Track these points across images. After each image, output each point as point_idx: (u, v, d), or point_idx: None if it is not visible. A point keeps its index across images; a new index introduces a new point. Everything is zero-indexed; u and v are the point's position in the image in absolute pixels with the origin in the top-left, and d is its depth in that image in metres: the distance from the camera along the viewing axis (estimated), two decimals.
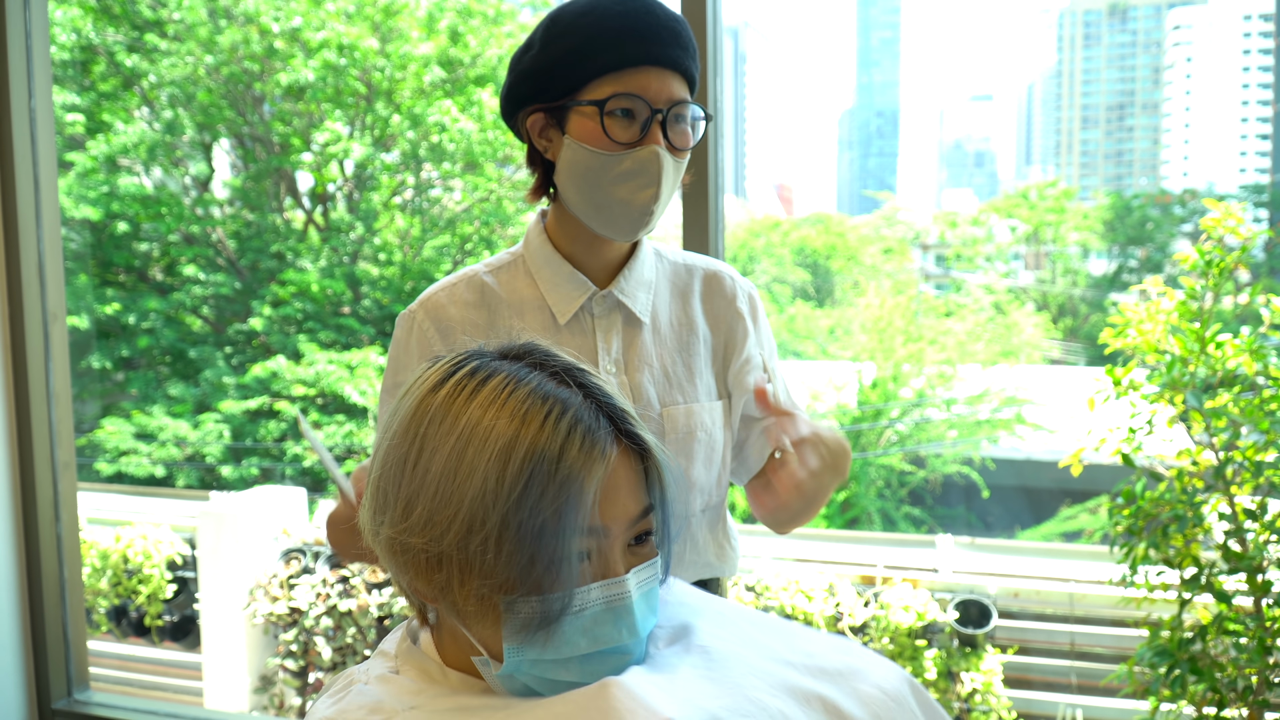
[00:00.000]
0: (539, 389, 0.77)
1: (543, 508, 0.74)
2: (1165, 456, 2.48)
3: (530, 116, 1.30)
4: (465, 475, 0.75)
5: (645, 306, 1.36)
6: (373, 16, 12.23)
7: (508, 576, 0.75)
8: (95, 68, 12.29)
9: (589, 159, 1.26)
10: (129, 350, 12.52)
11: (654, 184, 1.26)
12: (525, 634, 0.76)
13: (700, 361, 1.39)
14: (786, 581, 3.51)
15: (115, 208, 12.12)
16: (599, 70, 1.24)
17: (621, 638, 0.78)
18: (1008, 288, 28.28)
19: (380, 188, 13.13)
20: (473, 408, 0.77)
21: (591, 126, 1.25)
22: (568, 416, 0.76)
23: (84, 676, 2.83)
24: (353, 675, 0.88)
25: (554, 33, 1.27)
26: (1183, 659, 2.28)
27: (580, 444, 0.75)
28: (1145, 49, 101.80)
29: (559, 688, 0.78)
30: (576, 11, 1.27)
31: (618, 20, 1.24)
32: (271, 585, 3.85)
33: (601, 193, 1.27)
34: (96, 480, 11.62)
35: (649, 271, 1.39)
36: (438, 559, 0.76)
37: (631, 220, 1.28)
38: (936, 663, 3.34)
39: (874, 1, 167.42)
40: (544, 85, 1.28)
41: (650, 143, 1.24)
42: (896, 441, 15.61)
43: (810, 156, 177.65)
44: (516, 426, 0.75)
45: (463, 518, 0.74)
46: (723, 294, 1.43)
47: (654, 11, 1.26)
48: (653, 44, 1.25)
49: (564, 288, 1.34)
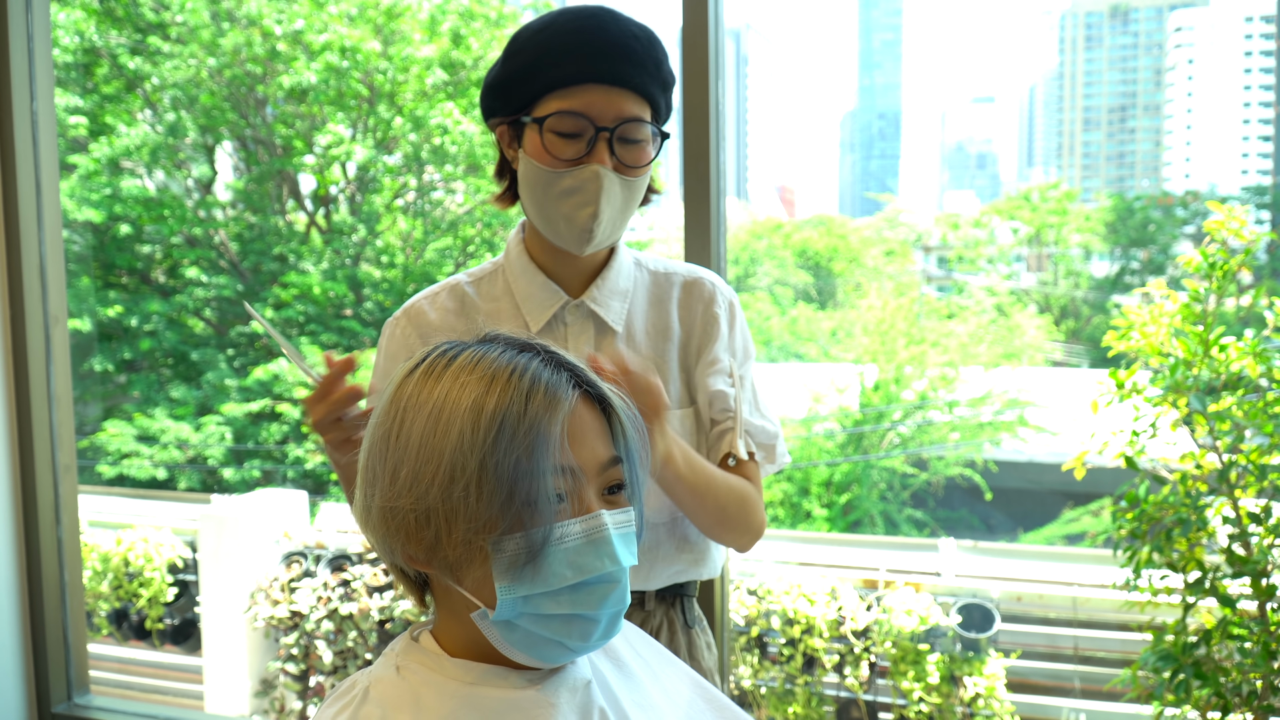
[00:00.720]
0: (502, 357, 0.85)
1: (515, 448, 0.80)
2: (1169, 459, 2.47)
3: (499, 127, 1.34)
4: (443, 434, 0.82)
5: (619, 315, 1.38)
6: (375, 19, 12.24)
7: (490, 516, 0.80)
8: (98, 70, 12.30)
9: (535, 174, 1.28)
10: (131, 352, 12.53)
11: (592, 203, 1.27)
12: (514, 570, 0.81)
13: (673, 368, 1.40)
14: (789, 585, 3.50)
15: (118, 210, 12.13)
16: (546, 87, 1.26)
17: (604, 566, 0.83)
18: (1010, 290, 28.28)
19: (382, 190, 13.14)
20: (444, 380, 0.84)
21: (539, 141, 1.27)
22: (529, 374, 0.84)
23: (84, 680, 2.82)
24: (356, 678, 0.90)
25: (513, 48, 1.30)
26: (1187, 663, 2.27)
27: (543, 393, 0.83)
28: (1147, 51, 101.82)
29: (553, 624, 0.83)
30: (535, 28, 1.29)
31: (569, 37, 1.25)
32: (272, 589, 3.84)
33: (546, 207, 1.29)
34: (98, 482, 11.62)
35: (624, 281, 1.40)
36: (425, 515, 0.82)
37: (575, 236, 1.30)
38: (939, 667, 3.33)
39: (876, 4, 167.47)
40: (504, 99, 1.31)
41: (592, 161, 1.25)
42: (899, 444, 15.59)
43: (812, 158, 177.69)
44: (485, 386, 0.83)
45: (444, 470, 0.81)
46: (701, 296, 1.43)
47: (606, 28, 1.26)
48: (600, 61, 1.25)
49: (537, 297, 1.36)
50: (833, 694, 3.50)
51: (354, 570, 3.78)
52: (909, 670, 3.33)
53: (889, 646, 3.36)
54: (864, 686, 3.41)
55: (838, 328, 24.04)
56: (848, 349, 20.53)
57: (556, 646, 0.85)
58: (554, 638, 0.84)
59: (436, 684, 0.86)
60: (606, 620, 0.86)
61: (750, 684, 3.52)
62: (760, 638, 3.51)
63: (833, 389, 15.88)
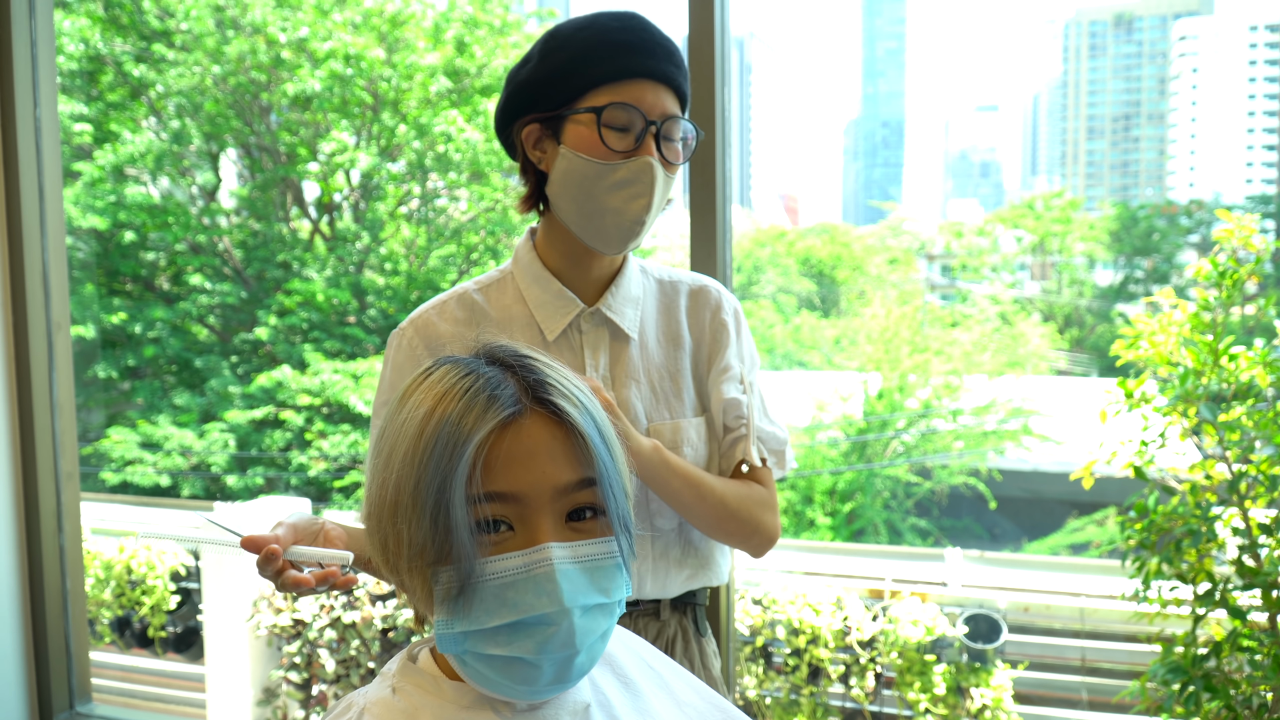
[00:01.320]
0: (469, 369, 0.81)
1: (440, 470, 0.76)
2: (1178, 470, 2.46)
3: (526, 128, 1.33)
4: (395, 454, 0.79)
5: (633, 322, 1.38)
6: (379, 27, 12.26)
7: (424, 544, 0.77)
8: (103, 78, 12.33)
9: (584, 167, 1.28)
10: (135, 359, 12.53)
11: (647, 194, 1.28)
12: (448, 604, 0.78)
13: (686, 377, 1.40)
14: (794, 595, 3.49)
15: (122, 217, 12.15)
16: (597, 80, 1.27)
17: (542, 606, 0.77)
18: (1014, 298, 28.24)
19: (386, 197, 13.14)
20: (415, 396, 0.81)
21: (588, 134, 1.27)
22: (476, 386, 0.79)
23: (86, 688, 2.81)
24: (352, 699, 0.89)
25: (552, 45, 1.30)
26: (1196, 676, 2.25)
27: (480, 408, 0.78)
28: (1151, 59, 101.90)
29: (496, 665, 0.78)
30: (575, 26, 1.30)
31: (616, 34, 1.27)
32: (275, 597, 3.83)
33: (594, 202, 1.28)
34: (102, 489, 11.62)
35: (636, 288, 1.40)
36: (384, 538, 0.80)
37: (622, 230, 1.30)
38: (945, 678, 3.31)
39: (879, 12, 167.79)
40: (541, 95, 1.30)
41: (645, 152, 1.27)
42: (902, 453, 15.56)
43: (816, 167, 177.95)
44: (434, 402, 0.79)
45: (391, 492, 0.79)
46: (708, 305, 1.44)
47: (649, 28, 1.30)
48: (648, 58, 1.27)
49: (552, 305, 1.36)
50: (838, 705, 3.48)
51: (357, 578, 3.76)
52: (915, 681, 3.31)
53: (895, 657, 3.34)
54: (870, 697, 3.38)
55: (841, 336, 24.02)
56: (851, 357, 20.50)
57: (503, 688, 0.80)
58: (499, 678, 0.79)
59: (433, 707, 0.84)
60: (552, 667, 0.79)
61: (755, 694, 3.50)
62: (765, 648, 3.49)
63: (836, 397, 15.87)
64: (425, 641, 0.92)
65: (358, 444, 11.32)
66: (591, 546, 0.80)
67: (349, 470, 11.52)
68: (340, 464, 11.57)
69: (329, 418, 11.69)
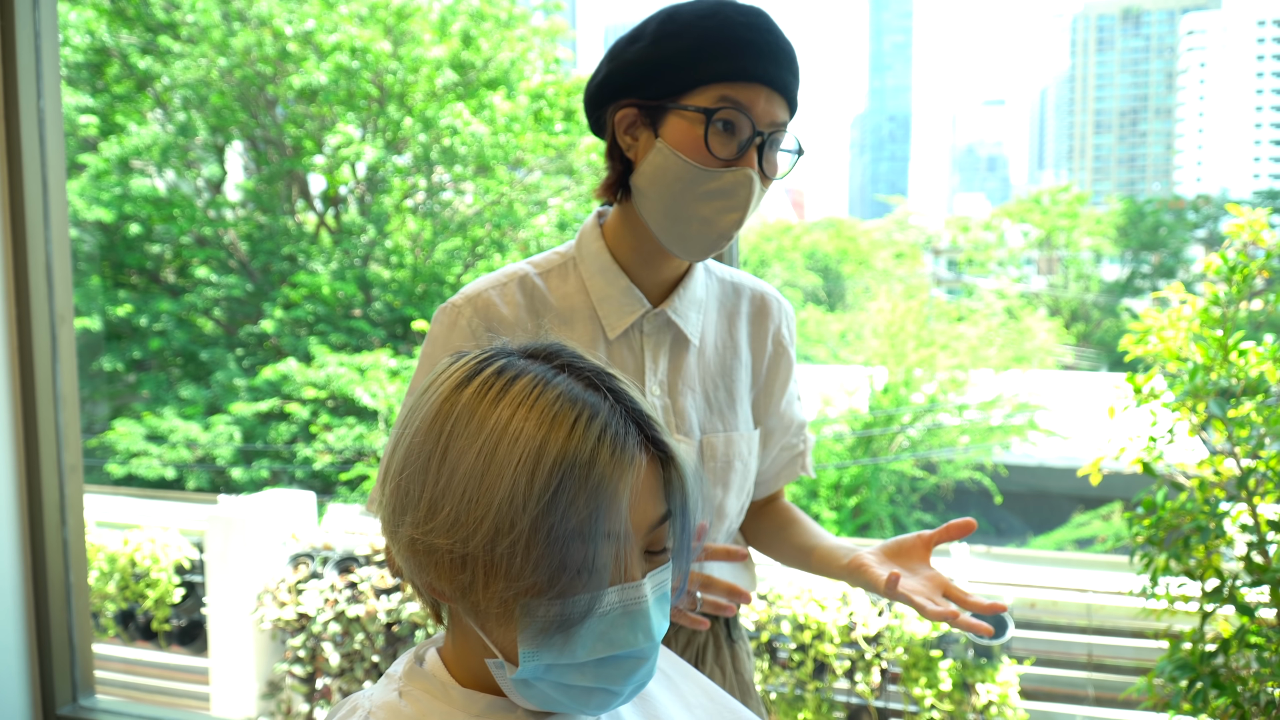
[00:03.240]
0: (568, 392, 0.76)
1: (573, 513, 0.73)
2: (1186, 466, 2.44)
3: (621, 110, 1.22)
4: (494, 478, 0.74)
5: (696, 328, 1.30)
6: (385, 20, 12.24)
7: (535, 580, 0.74)
8: (109, 70, 12.33)
9: (679, 168, 1.18)
10: (140, 352, 12.55)
11: (740, 209, 1.19)
12: (542, 638, 0.75)
13: (741, 387, 1.34)
14: (799, 590, 3.48)
15: (128, 209, 12.16)
16: (712, 76, 1.16)
17: (637, 642, 0.77)
18: (1020, 293, 28.18)
19: (392, 191, 13.14)
20: (500, 409, 0.76)
21: (691, 133, 1.17)
22: (597, 421, 0.75)
23: (89, 682, 2.81)
24: (356, 701, 0.86)
25: (670, 28, 1.18)
26: (1204, 672, 2.24)
27: (610, 450, 0.74)
28: (1159, 54, 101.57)
29: (574, 693, 0.78)
30: (697, 12, 1.18)
31: (741, 30, 1.17)
32: (279, 590, 3.83)
33: (684, 206, 1.19)
34: (107, 482, 11.64)
35: (701, 290, 1.32)
36: (462, 560, 0.75)
37: (708, 241, 1.21)
38: (951, 674, 3.29)
39: (886, 6, 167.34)
40: (647, 79, 1.19)
41: (746, 164, 1.17)
42: (908, 447, 15.54)
43: (822, 161, 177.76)
44: (546, 430, 0.74)
45: (491, 520, 0.73)
46: (770, 318, 1.38)
47: (775, 30, 1.19)
48: (770, 63, 1.17)
49: (617, 301, 1.27)
50: (843, 700, 3.47)
51: (361, 572, 3.76)
52: (921, 677, 3.30)
53: (900, 652, 3.33)
54: (875, 693, 3.37)
55: (847, 330, 23.97)
56: (857, 351, 20.46)
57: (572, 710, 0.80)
58: (571, 703, 0.79)
59: (441, 714, 0.82)
60: (629, 694, 0.80)
61: (760, 689, 3.50)
62: (770, 643, 3.48)
63: (842, 391, 15.85)
64: (431, 642, 0.90)
65: (363, 437, 11.32)
66: (661, 575, 0.80)
67: (354, 463, 11.53)
68: (345, 457, 11.58)
69: (334, 411, 11.70)
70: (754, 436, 1.34)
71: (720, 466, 1.30)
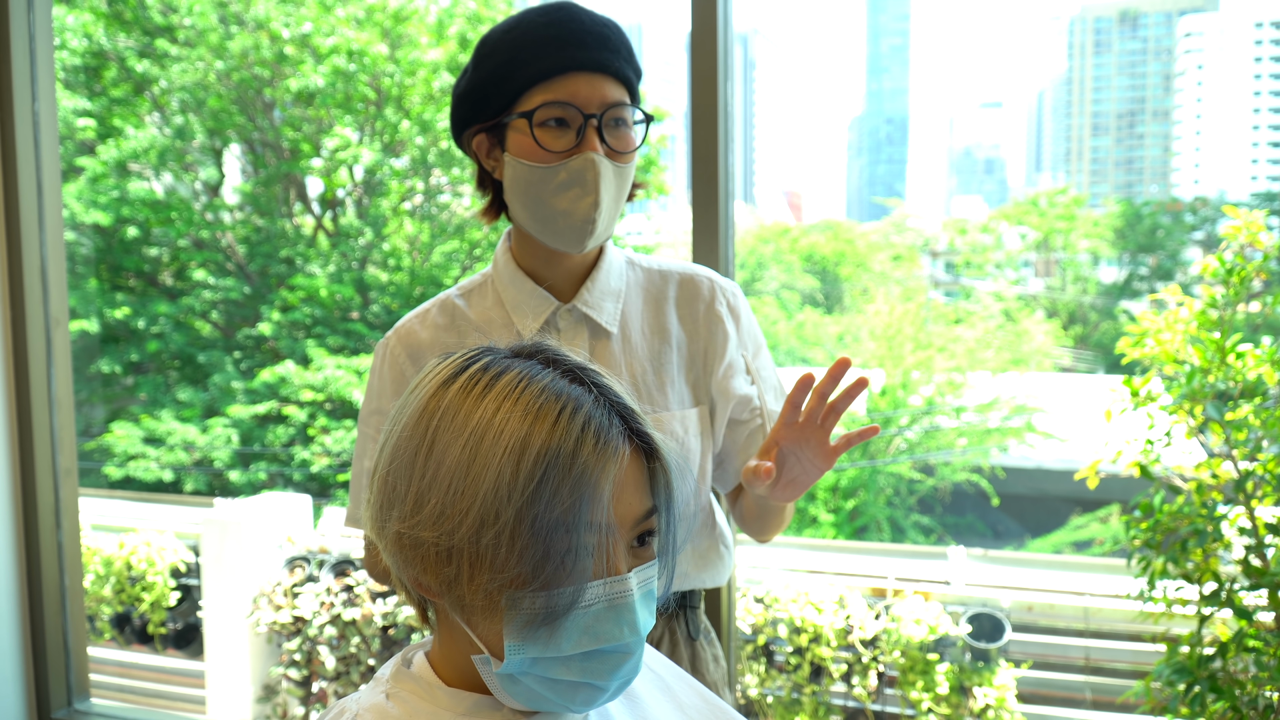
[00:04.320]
0: (551, 386, 0.78)
1: (557, 503, 0.74)
2: (1184, 468, 2.44)
3: (475, 138, 1.31)
4: (480, 470, 0.75)
5: (612, 317, 1.35)
6: (382, 23, 12.24)
7: (519, 571, 0.74)
8: (106, 73, 12.31)
9: (528, 173, 1.25)
10: (138, 354, 12.53)
11: (592, 191, 1.24)
12: (528, 630, 0.76)
13: (672, 369, 1.37)
14: (796, 593, 3.47)
15: (125, 213, 12.14)
16: (528, 82, 1.24)
17: (623, 635, 0.78)
18: (1017, 295, 28.17)
19: (389, 193, 13.13)
20: (485, 404, 0.77)
21: (526, 141, 1.25)
22: (580, 414, 0.76)
23: (84, 685, 2.80)
24: (344, 704, 0.87)
25: (483, 53, 1.28)
26: (1202, 676, 2.23)
27: (594, 441, 0.76)
28: (1156, 56, 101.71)
29: (559, 688, 0.78)
30: (503, 30, 1.27)
31: (542, 30, 1.24)
32: (275, 593, 3.82)
33: (542, 206, 1.26)
34: (105, 484, 11.63)
35: (616, 281, 1.37)
36: (448, 553, 0.76)
37: (575, 230, 1.27)
38: (949, 677, 3.29)
39: (884, 8, 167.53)
40: (480, 105, 1.28)
41: (585, 149, 1.23)
42: (906, 449, 15.54)
43: (819, 163, 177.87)
44: (530, 423, 0.75)
45: (476, 512, 0.74)
46: (699, 298, 1.41)
47: (578, 18, 1.26)
48: (578, 49, 1.24)
49: (527, 304, 1.33)
50: (840, 703, 3.46)
51: (357, 575, 3.75)
52: (918, 680, 3.29)
53: (897, 656, 3.32)
54: (872, 696, 3.37)
55: (845, 332, 23.97)
56: (855, 354, 20.47)
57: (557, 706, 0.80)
58: (557, 699, 0.79)
59: (427, 713, 0.82)
60: (614, 689, 0.80)
61: (757, 693, 3.49)
62: (767, 646, 3.48)
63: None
64: (419, 645, 0.90)
65: None
66: (648, 570, 0.81)
67: (348, 467, 11.51)
68: (343, 459, 11.56)
69: (332, 413, 11.69)
70: (690, 415, 1.37)
71: None
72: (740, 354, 1.41)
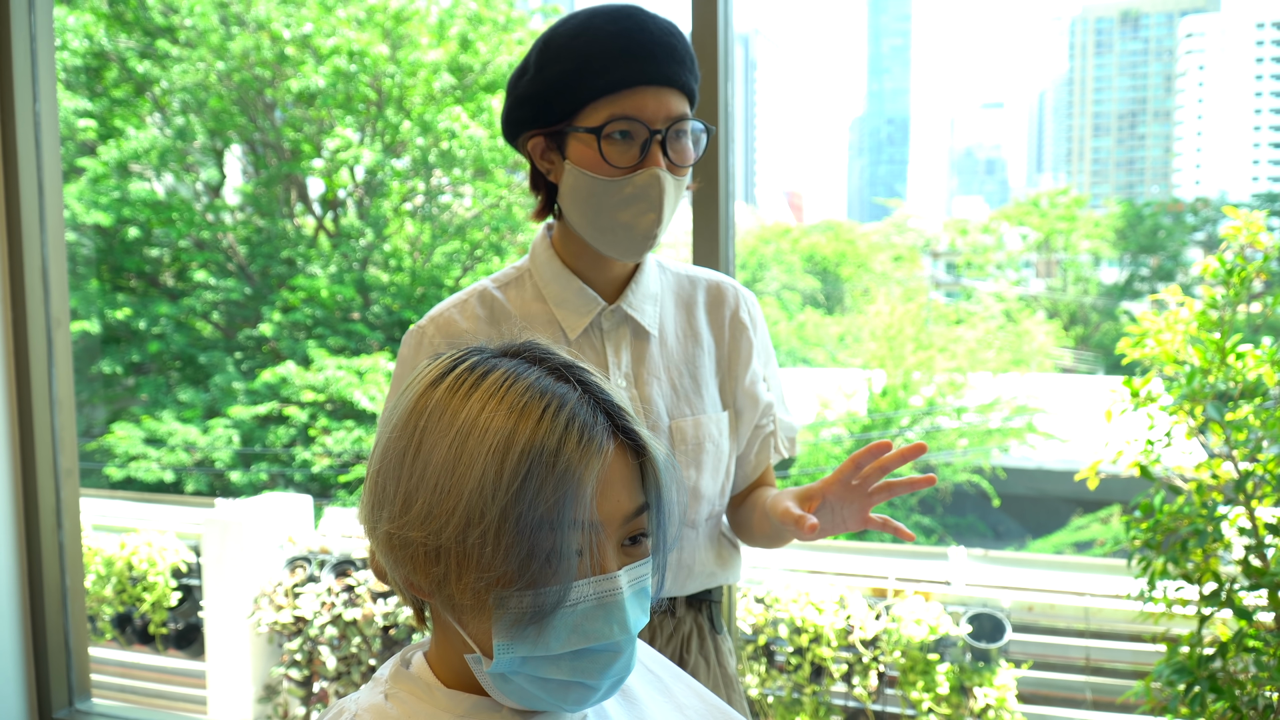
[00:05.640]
0: (537, 384, 0.78)
1: (541, 501, 0.73)
2: (1184, 469, 2.44)
3: (531, 140, 1.30)
4: (465, 469, 0.75)
5: (653, 319, 1.36)
6: (383, 23, 12.24)
7: (505, 570, 0.74)
8: (107, 74, 12.32)
9: (590, 184, 1.25)
10: (139, 355, 12.54)
11: (655, 208, 1.25)
12: (516, 629, 0.76)
13: (706, 373, 1.39)
14: (797, 593, 3.47)
15: (127, 213, 12.15)
16: (594, 94, 1.22)
17: (613, 634, 0.77)
18: (1018, 295, 28.17)
19: (390, 194, 13.13)
20: (471, 402, 0.77)
21: (590, 153, 1.24)
22: (565, 411, 0.76)
23: (85, 686, 2.80)
24: (343, 705, 0.87)
25: (548, 56, 1.25)
26: (1202, 676, 2.23)
27: (578, 439, 0.75)
28: (1157, 57, 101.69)
29: (550, 687, 0.78)
30: (569, 34, 1.25)
31: (611, 41, 1.22)
32: (276, 594, 3.82)
33: (604, 217, 1.26)
34: (106, 485, 11.63)
35: (654, 284, 1.38)
36: (436, 552, 0.76)
37: (635, 243, 1.27)
38: (949, 677, 3.29)
39: (885, 9, 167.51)
40: (541, 110, 1.26)
41: (650, 165, 1.23)
42: None
43: (820, 163, 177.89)
44: (514, 421, 0.75)
45: (462, 510, 0.74)
46: (725, 304, 1.43)
47: (647, 28, 1.24)
48: (647, 63, 1.22)
49: (573, 303, 1.33)
50: (841, 704, 3.46)
51: (358, 575, 3.75)
52: (918, 680, 3.30)
53: (898, 656, 3.32)
54: (872, 696, 3.37)
55: (845, 333, 24.00)
56: (855, 354, 20.49)
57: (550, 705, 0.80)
58: (549, 698, 0.79)
59: (426, 714, 0.82)
60: (606, 688, 0.80)
61: (757, 693, 3.49)
62: (768, 646, 3.48)
63: (840, 394, 15.86)
64: (418, 646, 0.90)
65: (361, 440, 11.32)
66: (640, 569, 0.80)
67: (352, 466, 11.52)
68: (344, 460, 11.57)
69: (333, 414, 11.69)
70: (723, 418, 1.39)
71: (691, 449, 1.35)
72: (760, 364, 1.44)
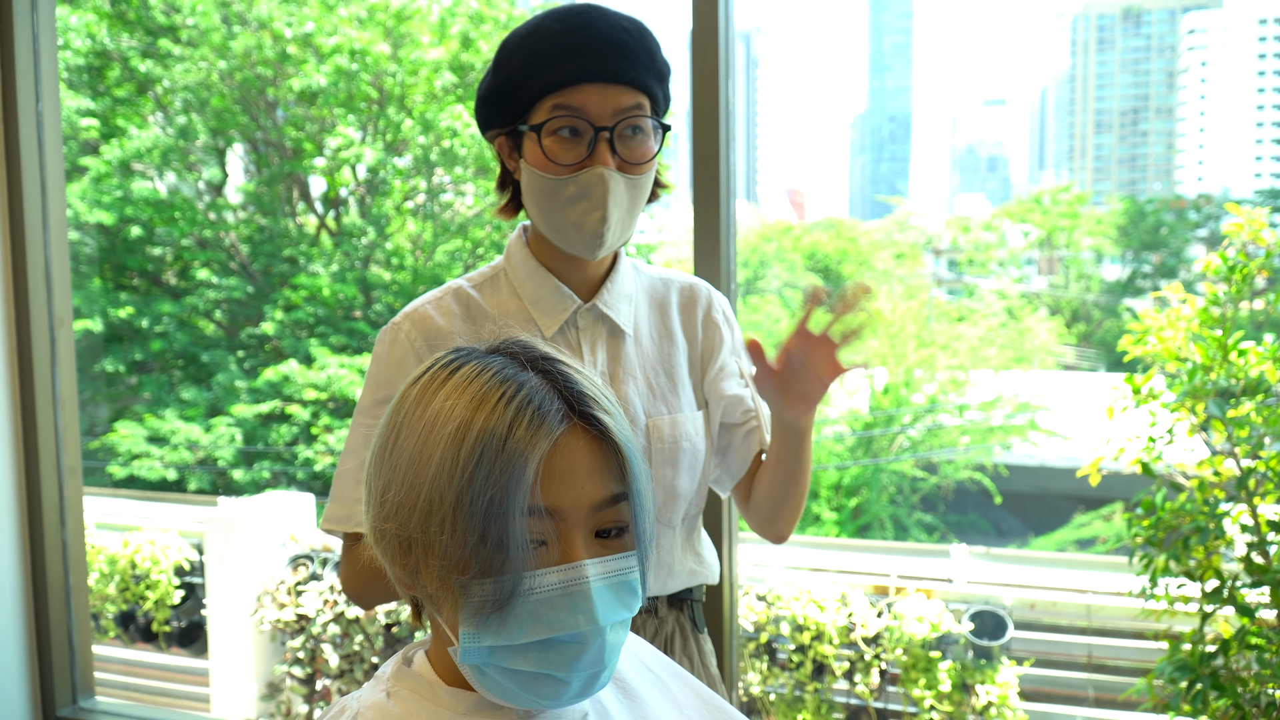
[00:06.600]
0: (499, 374, 0.78)
1: (490, 485, 0.74)
2: (1186, 466, 2.44)
3: (496, 139, 1.31)
4: (426, 458, 0.76)
5: (628, 319, 1.36)
6: (384, 22, 12.24)
7: (461, 556, 0.75)
8: (110, 73, 12.33)
9: (540, 183, 1.25)
10: (142, 354, 12.55)
11: (600, 207, 1.23)
12: (479, 617, 0.76)
13: (681, 372, 1.39)
14: (799, 591, 3.47)
15: (129, 212, 12.16)
16: (540, 92, 1.23)
17: (578, 624, 0.76)
18: (1020, 293, 28.15)
19: (392, 192, 13.14)
20: (440, 395, 0.78)
21: (537, 150, 1.24)
22: (519, 397, 0.77)
23: (89, 684, 2.81)
24: (345, 702, 0.87)
25: (502, 56, 1.27)
26: (1204, 674, 2.24)
27: (528, 422, 0.76)
28: (1159, 53, 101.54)
29: (521, 679, 0.78)
30: (522, 33, 1.26)
31: (556, 39, 1.22)
32: (279, 592, 3.83)
33: (554, 215, 1.26)
34: (109, 483, 11.64)
35: (629, 284, 1.38)
36: (408, 543, 0.78)
37: (585, 242, 1.27)
38: (951, 675, 3.29)
39: (886, 6, 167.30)
40: (497, 109, 1.28)
41: (595, 163, 1.22)
42: (909, 447, 15.53)
43: (822, 161, 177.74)
44: (473, 409, 0.76)
45: (424, 499, 0.76)
46: (698, 304, 1.44)
47: (594, 25, 1.23)
48: (591, 60, 1.22)
49: (548, 301, 1.33)
50: (843, 701, 3.47)
51: None
52: (920, 678, 3.30)
53: (900, 653, 3.32)
54: (874, 694, 3.37)
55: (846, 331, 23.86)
56: (857, 352, 20.42)
57: (524, 700, 0.80)
58: (521, 691, 0.78)
59: (428, 712, 0.82)
60: (579, 683, 0.79)
61: (759, 691, 3.49)
62: (769, 644, 3.48)
63: (842, 392, 15.83)
64: (420, 644, 0.90)
65: None
66: (618, 562, 0.79)
67: None
68: None
69: (335, 412, 11.70)
70: (699, 417, 1.39)
71: (668, 447, 1.34)
72: (734, 359, 1.43)
